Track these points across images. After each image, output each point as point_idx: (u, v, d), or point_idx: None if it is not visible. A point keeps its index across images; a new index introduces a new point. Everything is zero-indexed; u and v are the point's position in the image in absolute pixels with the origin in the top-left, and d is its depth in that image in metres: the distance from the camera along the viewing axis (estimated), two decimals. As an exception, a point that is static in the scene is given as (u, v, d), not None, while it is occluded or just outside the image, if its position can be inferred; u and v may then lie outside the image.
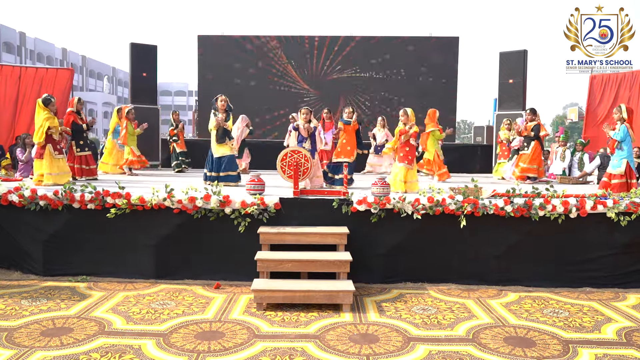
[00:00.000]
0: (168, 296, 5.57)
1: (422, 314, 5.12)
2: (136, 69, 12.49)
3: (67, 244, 6.21)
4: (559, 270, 6.11)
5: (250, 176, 6.52)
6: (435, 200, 6.01)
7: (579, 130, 29.32)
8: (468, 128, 58.74)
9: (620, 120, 7.13)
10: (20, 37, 54.00)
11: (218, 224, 6.05)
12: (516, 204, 6.01)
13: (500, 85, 12.71)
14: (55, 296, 5.51)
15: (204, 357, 4.04)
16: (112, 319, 4.84)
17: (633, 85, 12.02)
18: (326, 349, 4.21)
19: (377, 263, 6.09)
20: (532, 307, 5.38)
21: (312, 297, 5.16)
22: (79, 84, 61.03)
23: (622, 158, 7.10)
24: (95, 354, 4.04)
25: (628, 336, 4.60)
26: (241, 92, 13.63)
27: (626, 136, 7.02)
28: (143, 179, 9.15)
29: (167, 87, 74.89)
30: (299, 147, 6.87)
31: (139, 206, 6.03)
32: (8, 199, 6.18)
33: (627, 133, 7.01)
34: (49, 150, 7.30)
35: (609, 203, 6.03)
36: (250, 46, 14.10)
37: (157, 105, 12.86)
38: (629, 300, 5.68)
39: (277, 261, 5.50)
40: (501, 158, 10.75)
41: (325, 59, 14.12)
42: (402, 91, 14.05)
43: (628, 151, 7.09)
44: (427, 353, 4.17)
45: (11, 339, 4.31)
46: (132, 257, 6.17)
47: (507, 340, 4.48)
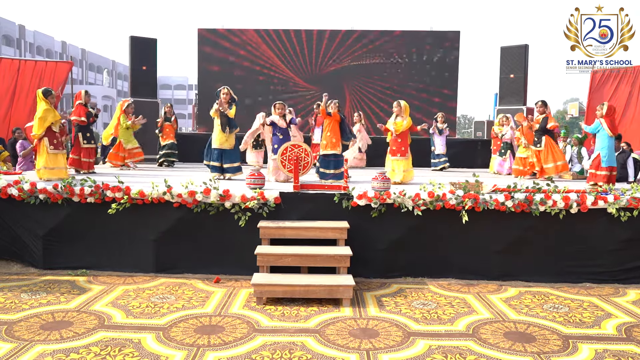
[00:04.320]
0: (168, 290, 5.57)
1: (422, 308, 5.12)
2: (136, 62, 12.46)
3: (66, 237, 6.20)
4: (559, 265, 6.11)
5: (250, 170, 6.51)
6: (436, 195, 6.00)
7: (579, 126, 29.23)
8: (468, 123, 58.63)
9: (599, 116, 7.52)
10: (20, 30, 53.80)
11: (218, 218, 6.04)
12: (517, 199, 6.00)
13: (501, 80, 12.68)
14: (55, 290, 5.50)
15: (203, 351, 4.04)
16: (112, 312, 4.84)
17: (635, 81, 11.99)
18: (326, 344, 4.21)
19: (377, 258, 6.09)
20: (532, 303, 5.38)
21: (312, 292, 5.16)
22: (78, 77, 60.84)
23: (597, 151, 7.54)
24: (95, 348, 4.04)
25: (628, 332, 4.60)
26: (241, 85, 13.60)
27: (598, 130, 7.50)
28: (143, 173, 9.14)
29: (167, 81, 74.71)
30: (299, 142, 6.85)
31: (138, 200, 6.02)
32: (7, 192, 6.16)
33: (598, 126, 7.49)
34: (44, 143, 7.13)
35: (610, 199, 6.02)
36: (250, 39, 14.06)
37: (157, 99, 12.83)
38: (629, 296, 5.68)
39: (277, 255, 5.49)
40: (496, 153, 10.90)
41: (325, 52, 14.08)
42: (403, 85, 14.02)
43: (601, 145, 7.49)
44: (427, 348, 4.17)
45: (11, 333, 4.31)
46: (132, 250, 6.16)
47: (507, 335, 4.48)
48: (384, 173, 6.37)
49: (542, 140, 8.77)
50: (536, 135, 8.89)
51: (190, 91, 71.69)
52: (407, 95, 13.87)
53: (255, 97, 13.76)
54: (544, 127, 8.74)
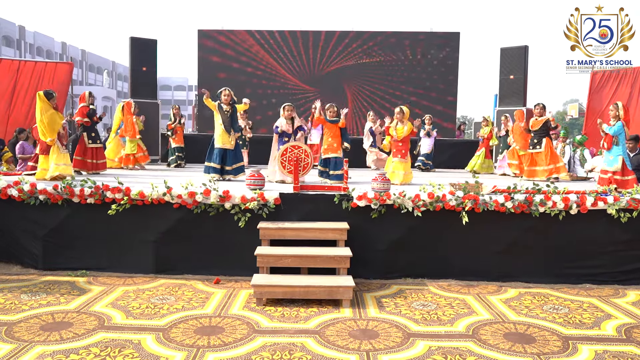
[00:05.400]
0: (168, 291, 5.57)
1: (422, 309, 5.12)
2: (136, 63, 12.46)
3: (66, 238, 6.19)
4: (559, 266, 6.11)
5: (250, 171, 6.51)
6: (436, 196, 6.00)
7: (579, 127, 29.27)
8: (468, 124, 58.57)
9: (616, 117, 7.18)
10: (20, 31, 53.83)
11: (218, 219, 6.04)
12: (516, 200, 6.00)
13: (500, 81, 12.69)
14: (55, 290, 5.50)
15: (203, 352, 4.04)
16: (112, 313, 4.84)
17: (634, 82, 12.00)
18: (326, 345, 4.21)
19: (377, 259, 6.09)
20: (532, 304, 5.38)
21: (312, 293, 5.16)
22: (78, 78, 60.88)
23: (617, 155, 7.14)
24: (94, 349, 4.04)
25: (628, 333, 4.60)
26: (242, 86, 13.61)
27: (621, 131, 7.07)
28: (143, 174, 9.14)
29: (167, 82, 74.71)
30: (299, 143, 6.86)
31: (138, 201, 6.02)
32: (7, 193, 6.16)
33: (622, 128, 7.06)
34: (57, 145, 7.24)
35: (610, 200, 6.02)
36: (251, 40, 14.07)
37: (157, 100, 12.83)
38: (629, 297, 5.68)
39: (277, 256, 5.49)
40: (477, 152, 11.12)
41: (327, 53, 14.09)
42: (403, 86, 14.03)
43: (623, 148, 7.14)
44: (426, 349, 4.17)
45: (11, 333, 4.30)
46: (132, 251, 6.16)
47: (506, 336, 4.48)
48: (384, 174, 6.37)
49: (542, 142, 8.76)
50: (536, 136, 8.85)
51: (190, 92, 71.70)
52: (407, 95, 13.92)
53: (255, 97, 13.76)
54: (547, 129, 8.74)
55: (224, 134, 7.86)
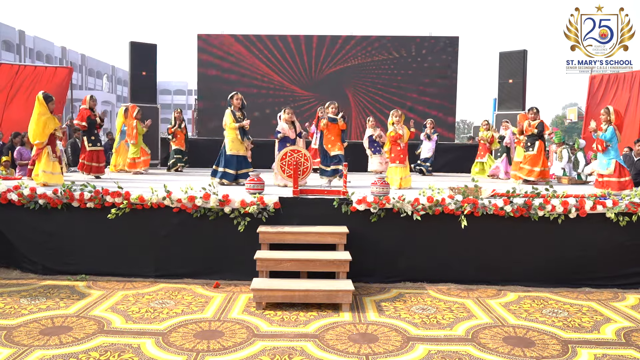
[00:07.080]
0: (167, 295, 5.57)
1: (422, 313, 5.12)
2: (136, 67, 12.47)
3: (66, 242, 6.20)
4: (558, 270, 6.11)
5: (250, 175, 6.52)
6: (435, 200, 6.01)
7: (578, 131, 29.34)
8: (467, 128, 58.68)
9: (607, 122, 7.29)
10: (20, 36, 53.87)
11: (217, 223, 6.05)
12: (516, 204, 6.01)
13: (500, 85, 12.72)
14: (55, 295, 5.50)
15: (203, 356, 4.04)
16: (111, 318, 4.84)
17: (632, 85, 12.03)
18: (325, 349, 4.21)
19: (377, 263, 6.09)
20: (531, 307, 5.38)
21: (311, 297, 5.16)
22: (78, 82, 60.92)
23: (610, 159, 7.25)
24: (94, 353, 4.04)
25: (627, 336, 4.60)
26: (241, 91, 13.60)
27: (613, 137, 7.19)
28: (143, 178, 9.15)
29: (167, 86, 74.78)
30: (298, 147, 6.88)
31: (138, 205, 6.03)
32: (7, 197, 6.16)
33: (614, 134, 7.19)
34: (47, 151, 7.13)
35: (609, 203, 6.04)
36: (250, 45, 14.10)
37: (157, 104, 12.84)
38: (628, 301, 5.68)
39: (276, 260, 5.50)
40: (478, 157, 11.12)
41: (325, 57, 14.12)
42: (402, 91, 14.06)
43: (616, 152, 7.25)
44: (426, 353, 4.17)
45: (10, 338, 4.30)
46: (131, 256, 6.16)
47: (506, 340, 4.48)
48: (383, 178, 6.39)
49: (535, 145, 8.90)
50: (529, 140, 8.99)
51: (190, 96, 71.74)
52: (406, 100, 13.93)
53: (257, 102, 13.77)
54: (540, 133, 8.89)
55: (237, 140, 7.88)
